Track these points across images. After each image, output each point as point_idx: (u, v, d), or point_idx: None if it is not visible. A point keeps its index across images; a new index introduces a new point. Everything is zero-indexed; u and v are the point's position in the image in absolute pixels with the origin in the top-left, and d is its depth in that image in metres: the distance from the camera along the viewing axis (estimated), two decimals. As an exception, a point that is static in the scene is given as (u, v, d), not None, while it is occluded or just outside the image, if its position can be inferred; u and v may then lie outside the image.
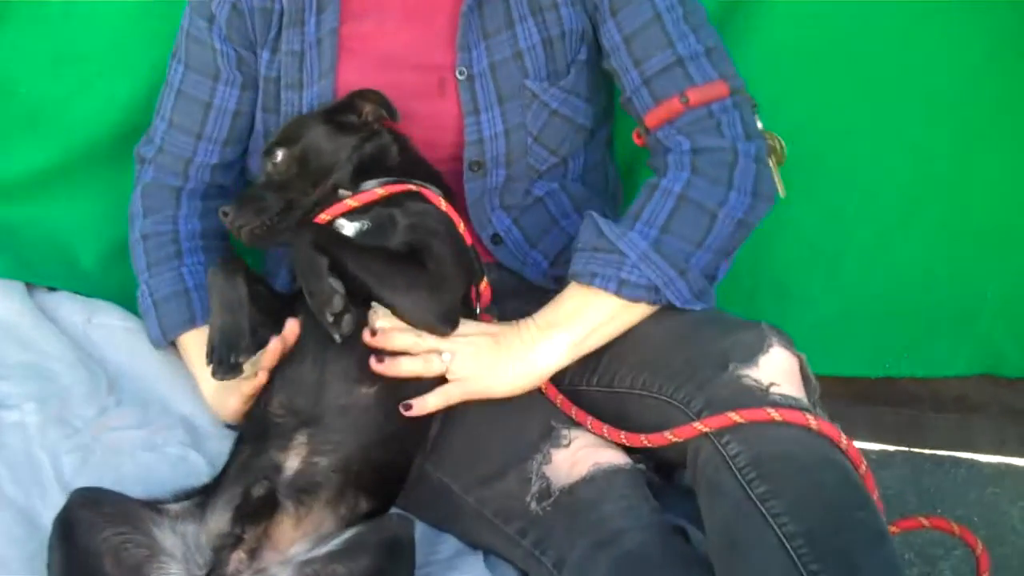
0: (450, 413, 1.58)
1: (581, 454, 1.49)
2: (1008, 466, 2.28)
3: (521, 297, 1.71)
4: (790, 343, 1.48)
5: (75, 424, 1.71)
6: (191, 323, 1.74)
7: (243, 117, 1.80)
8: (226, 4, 1.75)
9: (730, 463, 1.38)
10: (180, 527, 1.47)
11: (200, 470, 1.63)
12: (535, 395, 1.58)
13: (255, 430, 1.55)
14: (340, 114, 1.66)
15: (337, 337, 1.48)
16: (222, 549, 1.43)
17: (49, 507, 1.52)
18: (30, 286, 1.98)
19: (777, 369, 1.45)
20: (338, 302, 1.46)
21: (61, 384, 1.78)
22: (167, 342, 1.77)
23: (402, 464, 1.56)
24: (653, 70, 1.65)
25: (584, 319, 1.56)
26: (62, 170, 2.02)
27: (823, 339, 2.02)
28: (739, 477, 1.37)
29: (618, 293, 1.53)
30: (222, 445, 1.66)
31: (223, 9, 1.75)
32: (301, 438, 1.50)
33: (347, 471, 1.49)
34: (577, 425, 1.54)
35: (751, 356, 1.45)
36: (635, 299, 1.53)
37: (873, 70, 2.00)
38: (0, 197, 2.02)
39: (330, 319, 1.46)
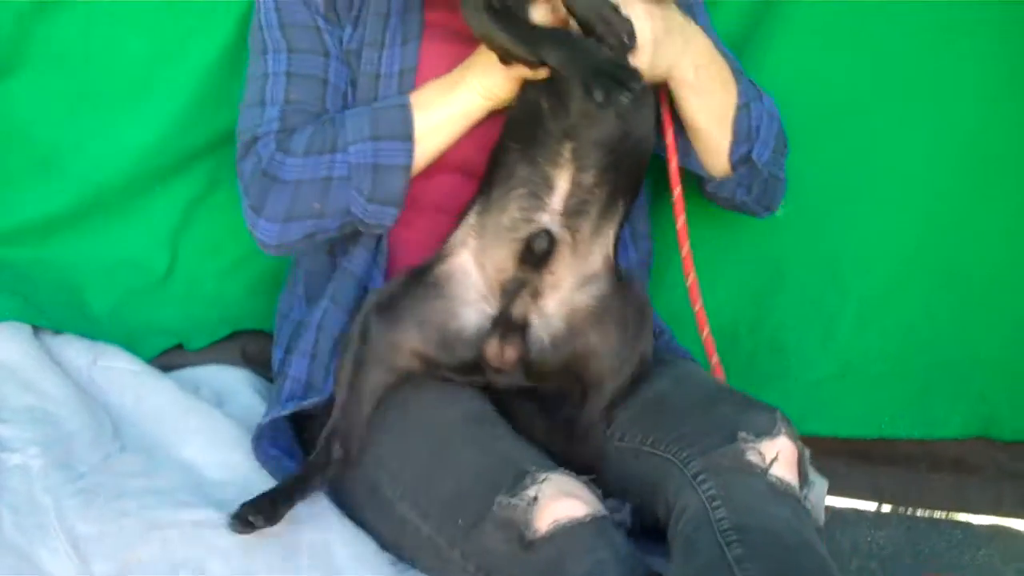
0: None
1: (540, 508, 1.43)
2: (1002, 528, 2.29)
3: None
4: (796, 435, 1.51)
5: (79, 469, 1.70)
6: None
7: (347, 98, 1.78)
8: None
9: (713, 524, 1.39)
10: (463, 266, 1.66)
11: (207, 517, 1.61)
12: (508, 437, 1.59)
13: (526, 128, 1.61)
14: None
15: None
16: (509, 291, 1.62)
17: (51, 552, 1.51)
18: (36, 328, 1.96)
19: (781, 454, 1.46)
20: None
21: (65, 429, 1.77)
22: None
23: (643, 158, 1.66)
24: None
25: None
26: (74, 214, 2.03)
27: (821, 399, 2.05)
28: (719, 537, 1.38)
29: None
30: (226, 492, 1.66)
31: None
32: (566, 153, 1.58)
33: (606, 183, 1.59)
34: (551, 467, 1.50)
35: (760, 435, 1.47)
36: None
37: (871, 129, 2.05)
38: (12, 240, 2.03)
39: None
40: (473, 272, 1.67)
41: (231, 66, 1.94)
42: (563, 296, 1.66)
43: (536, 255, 1.60)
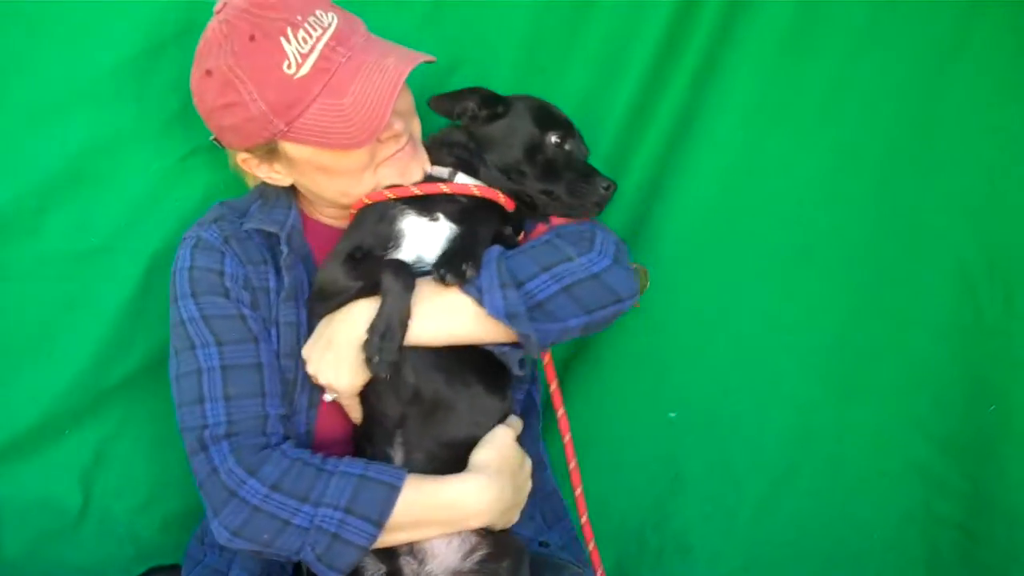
0: None
1: None
2: None
3: None
4: None
5: None
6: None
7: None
8: (239, 279, 1.80)
9: None
10: None
11: None
12: None
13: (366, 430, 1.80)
14: None
15: None
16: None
17: None
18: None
19: None
20: None
21: None
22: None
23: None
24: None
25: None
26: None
27: (728, 593, 2.13)
28: None
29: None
30: None
31: (237, 283, 1.79)
32: (399, 438, 1.74)
33: (435, 459, 1.72)
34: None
35: None
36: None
37: (748, 330, 2.19)
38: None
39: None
40: None
41: (137, 311, 2.01)
42: (446, 559, 1.74)
43: None
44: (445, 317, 1.70)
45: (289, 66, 1.67)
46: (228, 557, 1.88)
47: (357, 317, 1.71)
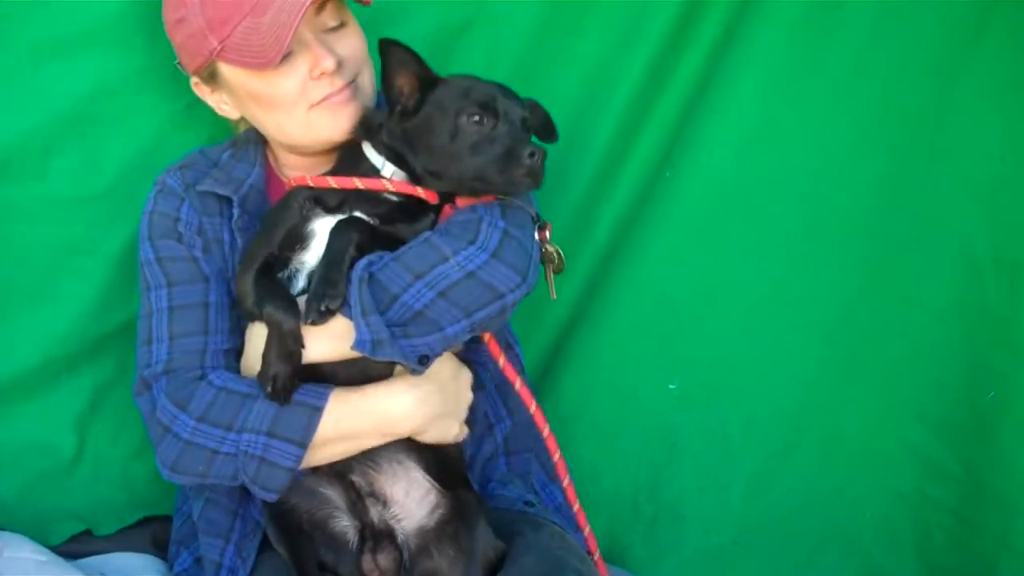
0: None
1: None
2: None
3: None
4: None
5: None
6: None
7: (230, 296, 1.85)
8: (192, 225, 1.84)
9: None
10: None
11: None
12: None
13: None
14: None
15: None
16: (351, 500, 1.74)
17: None
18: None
19: None
20: None
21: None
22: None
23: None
24: None
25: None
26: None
27: (719, 562, 2.15)
28: None
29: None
30: None
31: (190, 229, 1.84)
32: None
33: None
34: None
35: None
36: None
37: (751, 307, 2.19)
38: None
39: None
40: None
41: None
42: (409, 510, 1.75)
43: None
44: (335, 341, 1.67)
45: None
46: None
47: (256, 340, 1.71)
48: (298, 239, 1.72)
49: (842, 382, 2.21)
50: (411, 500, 1.75)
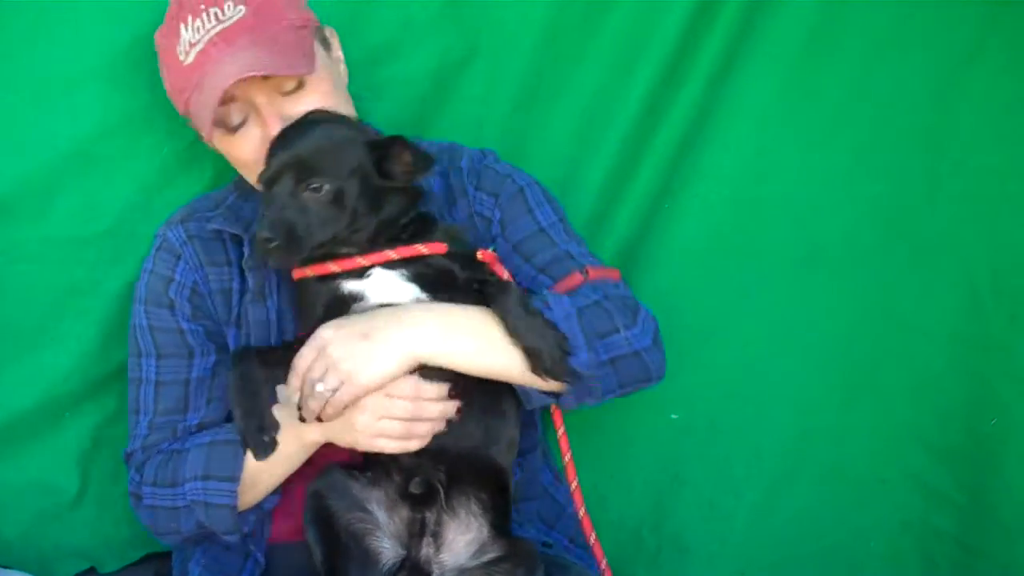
0: None
1: None
2: None
3: None
4: None
5: None
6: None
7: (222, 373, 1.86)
8: (185, 288, 1.85)
9: None
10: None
11: None
12: None
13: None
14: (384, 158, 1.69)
15: None
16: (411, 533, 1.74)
17: None
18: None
19: None
20: None
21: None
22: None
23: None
24: (545, 261, 1.82)
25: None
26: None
27: (723, 597, 2.13)
28: None
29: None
30: None
31: (182, 294, 1.85)
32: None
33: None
34: None
35: None
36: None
37: (753, 333, 2.19)
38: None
39: None
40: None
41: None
42: (456, 552, 1.74)
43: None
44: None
45: (180, 53, 1.75)
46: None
47: (406, 320, 1.66)
48: (342, 304, 1.70)
49: (843, 410, 2.20)
50: (460, 542, 1.76)
